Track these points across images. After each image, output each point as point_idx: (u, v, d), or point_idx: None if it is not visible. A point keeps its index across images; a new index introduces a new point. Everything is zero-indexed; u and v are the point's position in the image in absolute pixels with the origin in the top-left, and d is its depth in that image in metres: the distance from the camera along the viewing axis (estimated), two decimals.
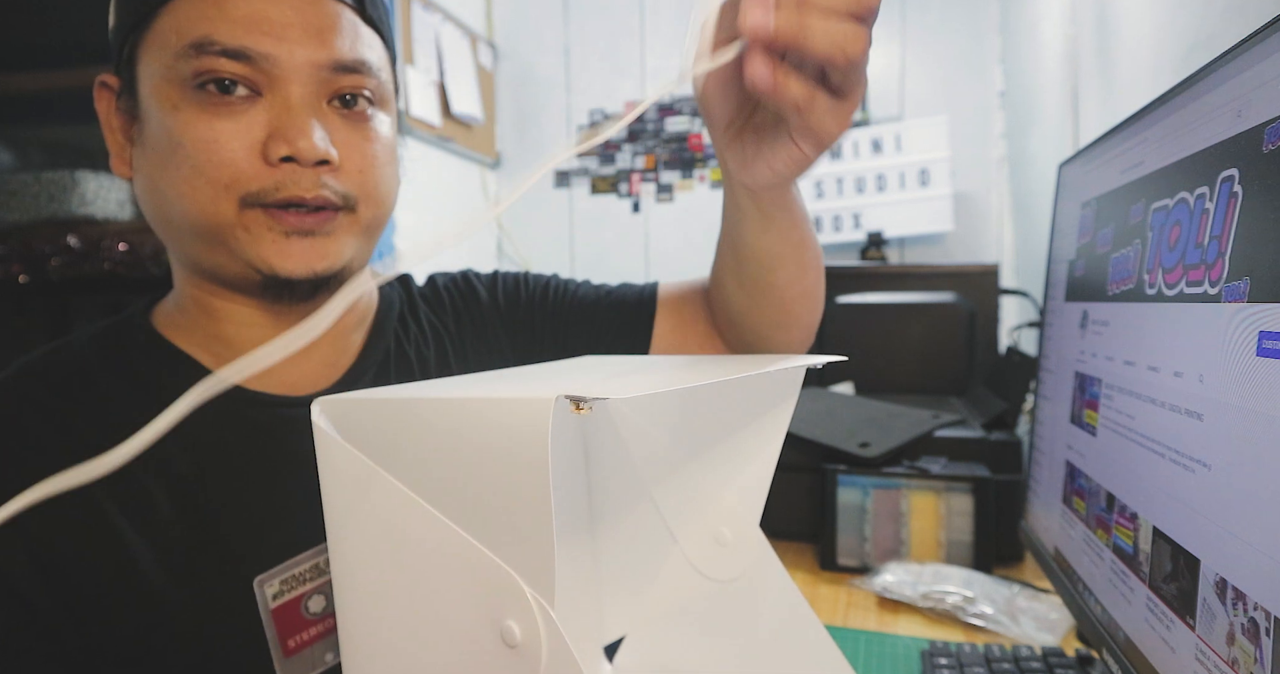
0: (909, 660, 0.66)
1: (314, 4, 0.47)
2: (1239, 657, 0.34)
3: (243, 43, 0.44)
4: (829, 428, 0.93)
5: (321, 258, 0.48)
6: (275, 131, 0.46)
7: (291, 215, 0.46)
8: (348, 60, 0.48)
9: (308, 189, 0.46)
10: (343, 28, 0.48)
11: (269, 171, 0.46)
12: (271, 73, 0.46)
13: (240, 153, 0.45)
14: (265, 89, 0.46)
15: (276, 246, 0.47)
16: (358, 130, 0.49)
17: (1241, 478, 0.35)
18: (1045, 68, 1.39)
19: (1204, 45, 0.73)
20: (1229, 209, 0.37)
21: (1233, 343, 0.36)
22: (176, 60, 0.45)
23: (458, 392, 0.33)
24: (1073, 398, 0.60)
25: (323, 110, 0.48)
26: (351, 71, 0.48)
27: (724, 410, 0.47)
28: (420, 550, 0.33)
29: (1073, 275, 0.62)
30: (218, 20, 0.45)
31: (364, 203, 0.50)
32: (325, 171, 0.47)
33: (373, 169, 0.50)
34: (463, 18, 1.99)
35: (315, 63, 0.46)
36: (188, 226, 0.47)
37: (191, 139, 0.45)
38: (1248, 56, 0.37)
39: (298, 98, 0.46)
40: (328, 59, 0.47)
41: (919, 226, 1.75)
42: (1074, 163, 0.65)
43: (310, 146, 0.45)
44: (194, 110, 0.45)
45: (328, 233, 0.48)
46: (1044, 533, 0.65)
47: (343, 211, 0.49)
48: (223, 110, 0.45)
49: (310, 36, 0.46)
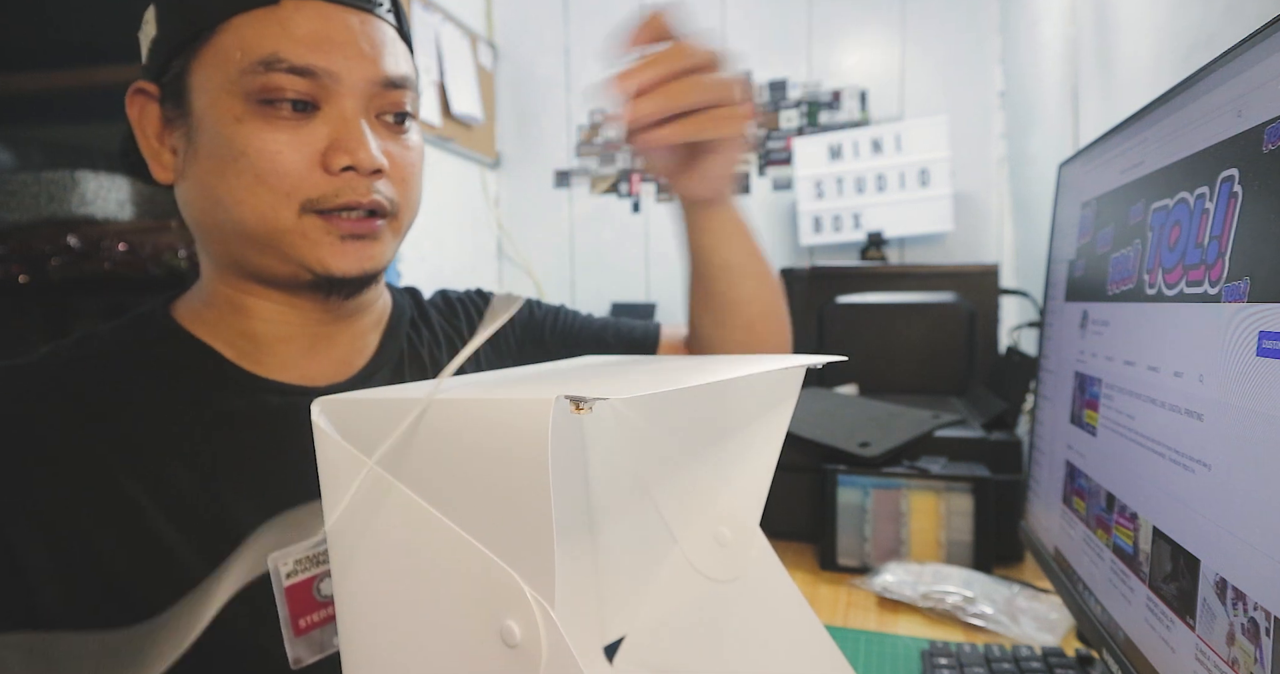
0: (909, 660, 0.66)
1: (366, 24, 0.51)
2: (1239, 657, 0.34)
3: (309, 61, 0.48)
4: (829, 428, 0.93)
5: (370, 258, 0.52)
6: (335, 143, 0.49)
7: (346, 221, 0.50)
8: (395, 77, 0.51)
9: (363, 194, 0.50)
10: (389, 45, 0.52)
11: (329, 180, 0.49)
12: (331, 88, 0.49)
13: (302, 163, 0.49)
14: (323, 102, 0.49)
15: (332, 249, 0.50)
16: (399, 141, 0.53)
17: (1241, 478, 0.35)
18: (1045, 68, 1.39)
19: (1204, 45, 0.73)
20: (1229, 209, 0.37)
21: (1233, 343, 0.36)
22: (242, 75, 0.47)
23: (458, 392, 0.33)
24: (1073, 398, 0.60)
25: (372, 122, 0.51)
26: (397, 87, 0.52)
27: (724, 410, 0.47)
28: (420, 550, 0.33)
29: (1073, 275, 0.62)
30: (283, 39, 0.48)
31: (404, 209, 0.54)
32: (377, 178, 0.51)
33: (412, 177, 0.54)
34: (463, 18, 1.99)
35: (369, 79, 0.50)
36: (243, 232, 0.50)
37: (255, 150, 0.48)
38: (1248, 56, 0.37)
39: (352, 111, 0.50)
40: (380, 76, 0.50)
41: (919, 226, 1.75)
42: (1074, 163, 0.65)
43: (369, 157, 0.49)
44: (257, 122, 0.48)
45: (376, 237, 0.52)
46: (1044, 533, 0.65)
47: (388, 217, 0.53)
48: (285, 123, 0.48)
49: (365, 54, 0.50)
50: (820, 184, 1.82)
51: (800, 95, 1.97)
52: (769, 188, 2.02)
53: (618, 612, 0.53)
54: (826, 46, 1.94)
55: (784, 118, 1.99)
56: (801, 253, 1.97)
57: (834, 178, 1.81)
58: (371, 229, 0.52)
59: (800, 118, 1.98)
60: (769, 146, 2.01)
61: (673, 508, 0.50)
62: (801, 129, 1.98)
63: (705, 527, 0.49)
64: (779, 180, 2.00)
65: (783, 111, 1.99)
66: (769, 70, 1.99)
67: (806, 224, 1.84)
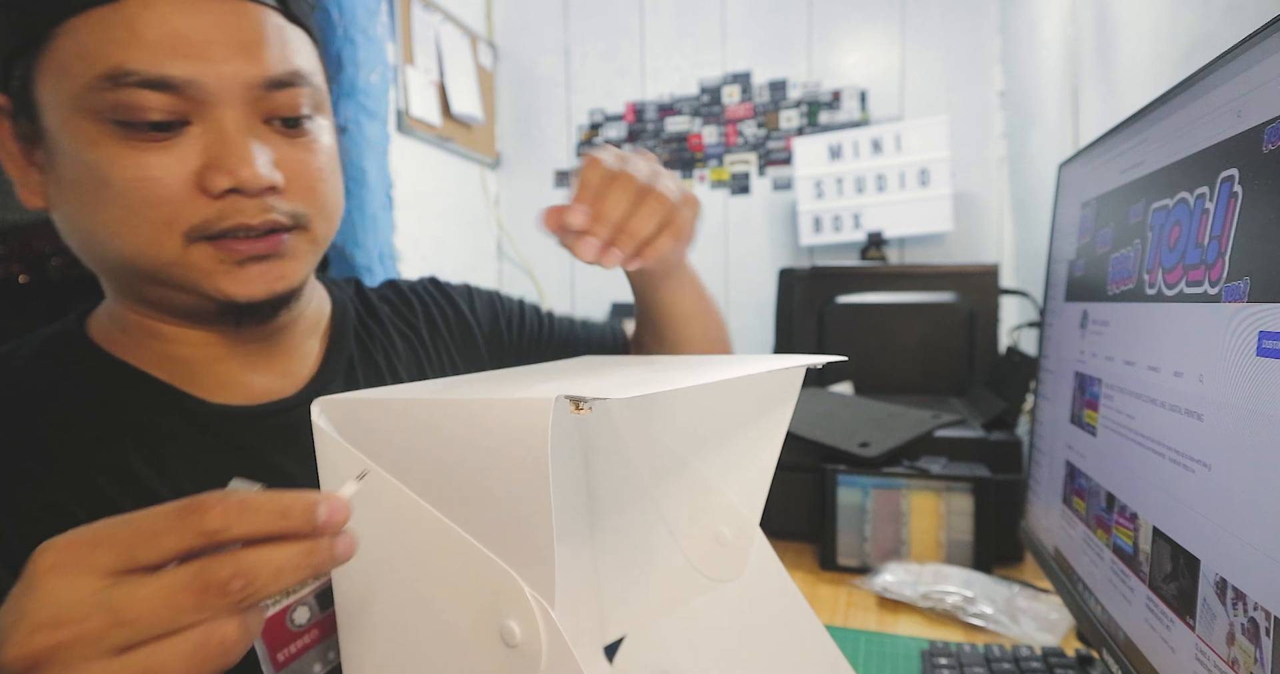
0: (909, 660, 0.66)
1: (236, 13, 0.42)
2: (1239, 657, 0.34)
3: (164, 71, 0.40)
4: (829, 428, 0.93)
5: (279, 279, 0.46)
6: (213, 161, 0.42)
7: (242, 243, 0.44)
8: (280, 75, 0.44)
9: (254, 216, 0.43)
10: (269, 36, 0.43)
11: (211, 204, 0.42)
12: (199, 98, 0.41)
13: (178, 188, 0.42)
14: (194, 116, 0.42)
15: (231, 276, 0.44)
16: (300, 145, 0.46)
17: (1241, 478, 0.35)
18: (1045, 68, 1.39)
19: (1204, 45, 0.73)
20: (1229, 209, 0.37)
21: (1233, 343, 0.36)
22: (87, 92, 0.40)
23: (458, 392, 0.33)
24: (1073, 398, 0.60)
25: (259, 130, 0.44)
26: (286, 86, 0.44)
27: (724, 410, 0.47)
28: (420, 550, 0.33)
29: (1073, 275, 0.62)
30: (130, 45, 0.39)
31: (316, 219, 0.48)
32: (271, 196, 0.44)
33: (320, 183, 0.47)
34: (463, 18, 1.99)
35: (246, 82, 0.42)
36: (127, 266, 0.44)
37: (121, 179, 0.41)
38: (1248, 56, 0.36)
39: (231, 122, 0.42)
40: (259, 76, 0.43)
41: (919, 226, 1.75)
42: (1074, 163, 0.65)
43: (254, 175, 0.42)
44: (117, 146, 0.40)
45: (282, 254, 0.46)
46: (1044, 533, 0.65)
47: (295, 231, 0.46)
48: (151, 145, 0.41)
49: (236, 52, 0.42)
50: (820, 184, 1.82)
51: (800, 95, 1.97)
52: (769, 188, 2.02)
53: (617, 611, 0.52)
54: (826, 46, 1.94)
55: (784, 118, 1.99)
56: (801, 253, 1.97)
57: (834, 178, 1.81)
58: (275, 247, 0.45)
59: (800, 118, 1.98)
60: (769, 147, 2.01)
61: (673, 508, 0.50)
62: (801, 129, 1.98)
63: (705, 526, 0.49)
64: (779, 180, 2.00)
65: (783, 111, 1.99)
66: (769, 70, 1.99)
67: (806, 224, 1.84)
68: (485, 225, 2.14)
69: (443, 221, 1.92)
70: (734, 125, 2.04)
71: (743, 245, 2.04)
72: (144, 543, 0.25)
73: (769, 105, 2.00)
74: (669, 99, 2.08)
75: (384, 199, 1.71)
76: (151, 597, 0.24)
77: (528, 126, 2.19)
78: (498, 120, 2.19)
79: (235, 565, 0.25)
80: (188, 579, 0.25)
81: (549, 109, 2.17)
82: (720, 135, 2.05)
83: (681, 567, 0.50)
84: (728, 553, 0.48)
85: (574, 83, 2.15)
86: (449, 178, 1.96)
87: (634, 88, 2.11)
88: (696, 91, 2.06)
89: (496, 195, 2.20)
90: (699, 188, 2.09)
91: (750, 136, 2.03)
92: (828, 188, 1.82)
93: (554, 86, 2.16)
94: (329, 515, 0.27)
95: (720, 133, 2.05)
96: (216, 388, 0.50)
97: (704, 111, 2.06)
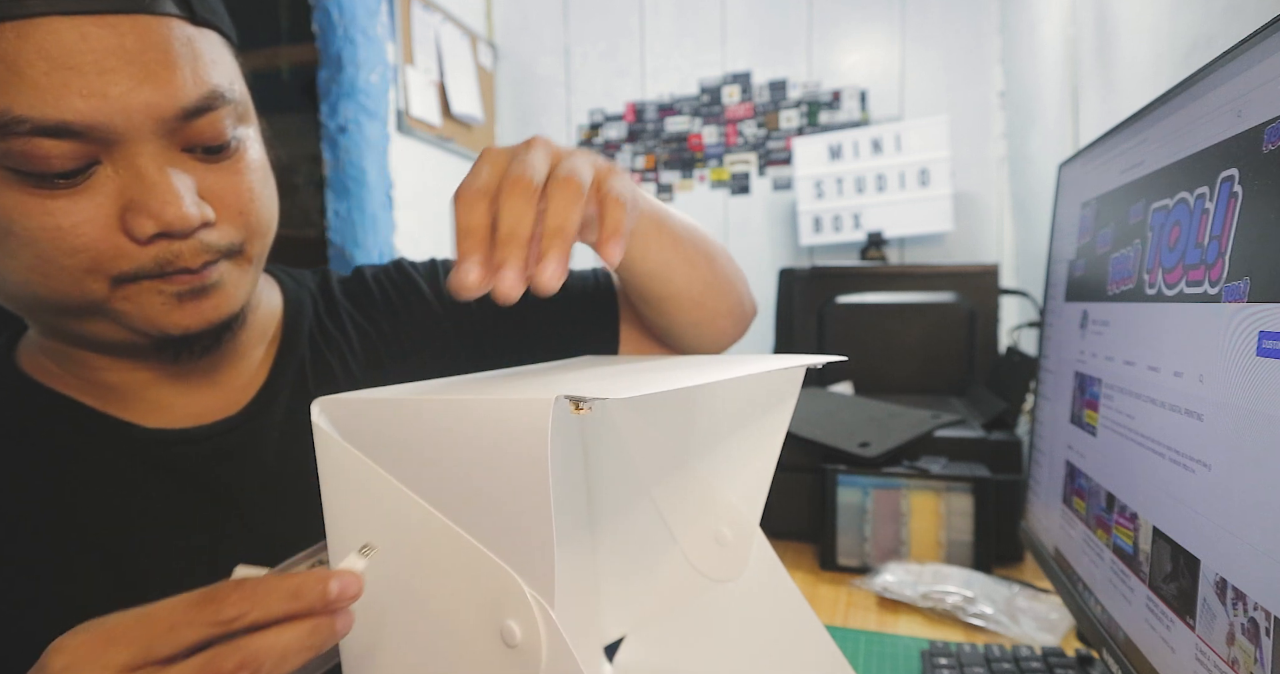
0: (909, 660, 0.66)
1: (134, 33, 0.36)
2: (1239, 657, 0.34)
3: (60, 116, 0.34)
4: (829, 428, 0.93)
5: (216, 309, 0.42)
6: (133, 203, 0.38)
7: (181, 277, 0.40)
8: (196, 101, 0.38)
9: (192, 260, 0.40)
10: (178, 55, 0.38)
11: (140, 250, 0.39)
12: (106, 140, 0.36)
13: (96, 234, 0.37)
14: (104, 156, 0.37)
15: (167, 309, 0.41)
16: (226, 169, 0.42)
17: (1241, 478, 0.35)
18: (1045, 68, 1.39)
19: (1204, 45, 0.73)
20: (1229, 209, 0.37)
21: (1233, 343, 0.36)
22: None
23: (459, 392, 0.33)
24: (1073, 398, 0.60)
25: (179, 159, 0.40)
26: (205, 111, 0.39)
27: (724, 410, 0.47)
28: (421, 551, 0.33)
29: (1073, 275, 0.62)
30: (13, 86, 0.34)
31: (253, 238, 0.44)
32: (205, 231, 0.41)
33: (253, 204, 0.43)
34: (463, 18, 1.99)
35: (158, 116, 0.37)
36: (47, 307, 0.40)
37: (25, 228, 0.36)
38: (1248, 56, 0.36)
39: (147, 158, 0.38)
40: (172, 107, 0.38)
41: (919, 226, 1.75)
42: (1074, 163, 0.65)
43: (182, 217, 0.38)
44: (19, 194, 0.36)
45: (218, 284, 0.42)
46: (1044, 533, 0.65)
47: (227, 259, 0.43)
48: (58, 192, 0.36)
49: (141, 81, 0.36)
50: (820, 184, 1.83)
51: (800, 95, 1.97)
52: (769, 188, 2.02)
53: (618, 611, 0.53)
54: (826, 46, 1.94)
55: (784, 118, 1.99)
56: (801, 253, 1.97)
57: (834, 178, 1.81)
58: (210, 278, 0.41)
59: (800, 118, 1.98)
60: (769, 147, 2.01)
61: (673, 508, 0.50)
62: (801, 129, 1.98)
63: (706, 526, 0.49)
64: (779, 180, 2.00)
65: (783, 111, 1.99)
66: (769, 70, 1.99)
67: (806, 224, 1.84)
68: None
69: (443, 221, 1.92)
70: (734, 125, 2.04)
71: (743, 245, 2.04)
72: (160, 638, 0.26)
73: (769, 105, 2.00)
74: (669, 99, 2.08)
75: (384, 199, 1.71)
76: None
77: (528, 126, 2.19)
78: (498, 120, 2.19)
79: (241, 655, 0.26)
80: (204, 667, 0.26)
81: (549, 109, 2.17)
82: (720, 135, 2.05)
83: (682, 567, 0.50)
84: (728, 553, 0.48)
85: (574, 83, 2.15)
86: (449, 178, 1.96)
87: (634, 88, 2.11)
88: (696, 91, 2.06)
89: None
90: (699, 188, 2.09)
91: (750, 136, 2.03)
92: (828, 188, 1.82)
93: (554, 86, 2.16)
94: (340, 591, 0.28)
95: (720, 133, 2.05)
96: (152, 412, 0.47)
97: (704, 111, 2.06)
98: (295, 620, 0.27)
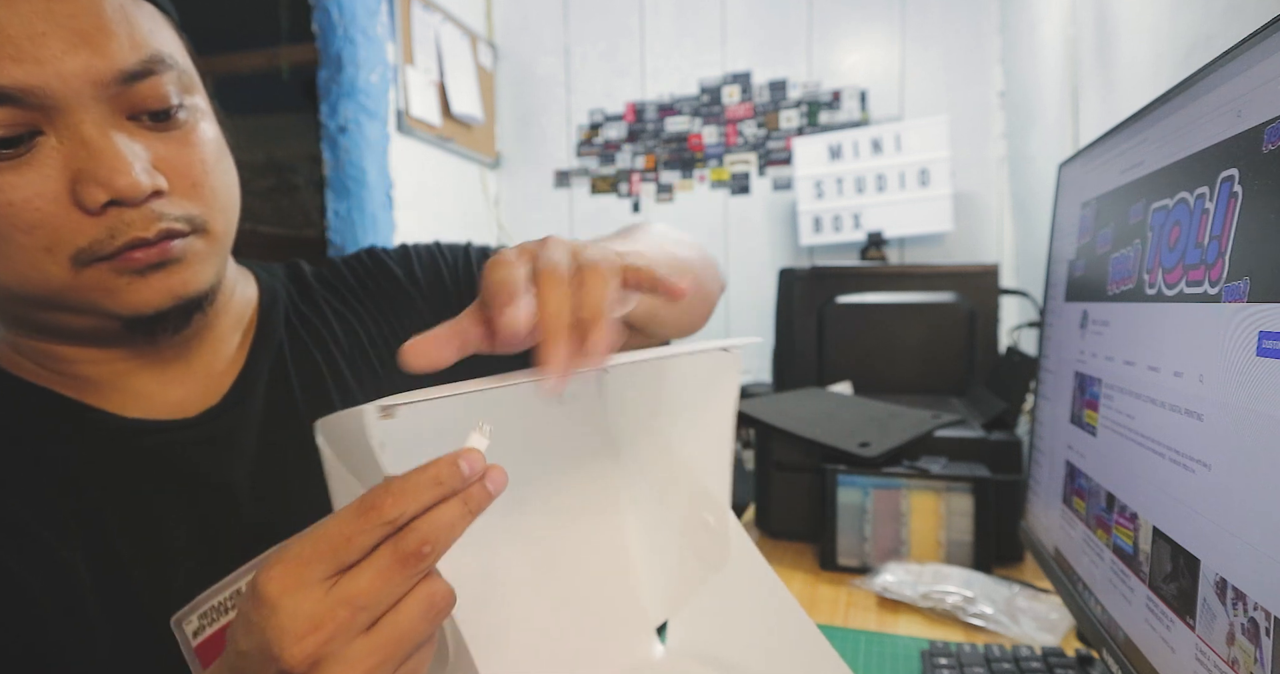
0: (909, 660, 0.66)
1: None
2: (1239, 657, 0.34)
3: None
4: (829, 428, 0.93)
5: (183, 284, 0.42)
6: (82, 173, 0.37)
7: (138, 252, 0.40)
8: (136, 64, 0.38)
9: (146, 228, 0.39)
10: (113, 20, 0.38)
11: (93, 222, 0.38)
12: (45, 106, 0.36)
13: (48, 208, 0.37)
14: (45, 125, 0.37)
15: (134, 288, 0.40)
16: (175, 139, 0.41)
17: (1241, 478, 0.35)
18: (1045, 68, 1.39)
19: (1204, 45, 0.73)
20: (1229, 209, 0.37)
21: (1233, 343, 0.36)
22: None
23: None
24: (1073, 398, 0.60)
25: (126, 128, 0.39)
26: (146, 75, 0.39)
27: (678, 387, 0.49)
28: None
29: (1073, 275, 0.62)
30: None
31: (214, 215, 0.43)
32: (157, 200, 0.40)
33: (207, 177, 0.43)
34: (463, 18, 1.99)
35: (96, 79, 0.37)
36: (10, 294, 0.40)
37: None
38: (1248, 56, 0.36)
39: (91, 126, 0.37)
40: (110, 70, 0.37)
41: (919, 226, 1.75)
42: (1074, 163, 0.65)
43: (132, 184, 0.38)
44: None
45: (181, 258, 0.42)
46: (1044, 533, 0.65)
47: (192, 234, 0.42)
48: (3, 165, 0.36)
49: (77, 45, 0.36)
50: (820, 184, 1.82)
51: (800, 95, 1.97)
52: (769, 188, 2.02)
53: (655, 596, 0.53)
54: (826, 46, 1.94)
55: (784, 118, 1.99)
56: (801, 253, 1.97)
57: (834, 178, 1.81)
58: (168, 253, 0.41)
59: (800, 118, 1.98)
60: (769, 147, 2.01)
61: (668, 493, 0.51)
62: (801, 129, 1.98)
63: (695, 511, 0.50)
64: (779, 180, 2.00)
65: (783, 111, 1.99)
66: (769, 70, 1.99)
67: (806, 224, 1.84)
68: (485, 225, 2.14)
69: (443, 221, 1.92)
70: (734, 125, 2.04)
71: (743, 245, 2.04)
72: (343, 548, 0.29)
73: (769, 105, 2.00)
74: (669, 99, 2.08)
75: (384, 199, 1.71)
76: (371, 583, 0.29)
77: (528, 126, 2.19)
78: (498, 120, 2.19)
79: (419, 536, 0.29)
80: (389, 560, 0.29)
81: (549, 109, 2.17)
82: (720, 135, 2.05)
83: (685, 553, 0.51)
84: (715, 537, 0.49)
85: (574, 83, 2.15)
86: (449, 178, 1.96)
87: (634, 88, 2.11)
88: (696, 91, 2.06)
89: (496, 195, 2.20)
90: (699, 188, 2.09)
91: (750, 136, 2.03)
92: (828, 188, 1.82)
93: (554, 86, 2.16)
94: (470, 468, 0.31)
95: (720, 133, 2.05)
96: (129, 402, 0.47)
97: (704, 111, 2.06)
98: (446, 500, 0.30)
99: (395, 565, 0.29)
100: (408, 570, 0.29)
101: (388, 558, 0.29)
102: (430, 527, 0.29)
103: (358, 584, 0.29)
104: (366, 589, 0.29)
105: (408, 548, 0.29)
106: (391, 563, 0.29)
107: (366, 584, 0.29)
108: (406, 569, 0.29)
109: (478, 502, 0.31)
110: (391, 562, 0.29)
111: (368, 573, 0.29)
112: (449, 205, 1.97)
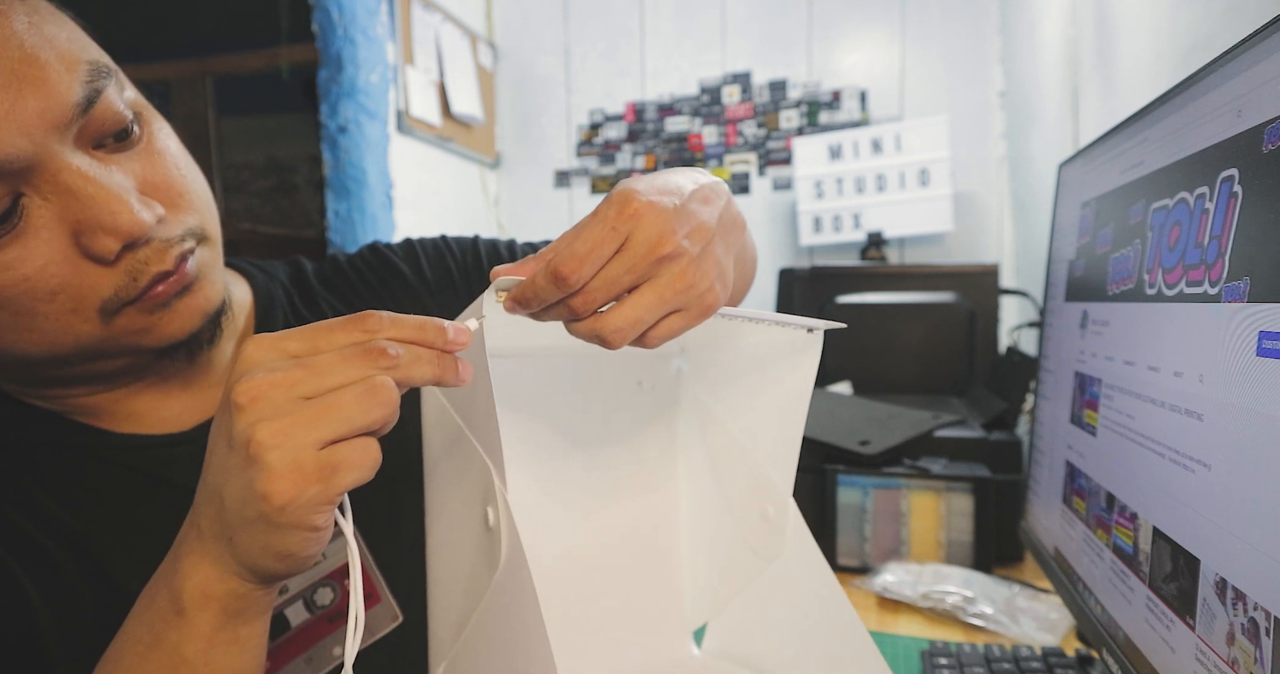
0: (909, 660, 0.66)
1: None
2: (1239, 657, 0.34)
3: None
4: (829, 427, 0.93)
5: (207, 300, 0.42)
6: (82, 225, 0.36)
7: (160, 286, 0.39)
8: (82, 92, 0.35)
9: (164, 260, 0.39)
10: (37, 45, 0.34)
11: (111, 270, 0.37)
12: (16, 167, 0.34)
13: (63, 271, 0.36)
14: (23, 185, 0.35)
15: (165, 321, 0.40)
16: (143, 152, 0.40)
17: (1241, 478, 0.35)
18: (1045, 68, 1.39)
19: (1204, 45, 0.73)
20: (1229, 209, 0.37)
21: (1233, 343, 0.36)
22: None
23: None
24: (1073, 398, 0.60)
25: (98, 158, 0.37)
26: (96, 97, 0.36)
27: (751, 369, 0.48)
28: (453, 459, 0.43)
29: (1073, 275, 0.62)
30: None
31: (205, 219, 0.43)
32: (163, 226, 0.39)
33: (185, 184, 0.41)
34: (463, 18, 1.99)
35: (56, 122, 0.34)
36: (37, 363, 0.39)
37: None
38: (1248, 56, 0.36)
39: (70, 173, 0.35)
40: (63, 108, 0.35)
41: (919, 226, 1.75)
42: (1074, 163, 0.65)
43: (136, 222, 0.36)
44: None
45: (198, 275, 0.42)
46: (1044, 533, 0.65)
47: (198, 246, 0.42)
48: (2, 243, 0.35)
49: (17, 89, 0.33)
50: (820, 184, 1.82)
51: (800, 95, 1.97)
52: (769, 188, 2.02)
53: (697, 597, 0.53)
54: (826, 46, 1.94)
55: (784, 118, 1.99)
56: (801, 253, 1.97)
57: (834, 178, 1.81)
58: (190, 273, 0.41)
59: (800, 118, 1.98)
60: (769, 147, 2.01)
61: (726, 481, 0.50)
62: (801, 129, 1.98)
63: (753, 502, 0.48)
64: (779, 180, 2.00)
65: (783, 111, 1.99)
66: (769, 70, 1.99)
67: (806, 224, 1.84)
68: (485, 225, 2.14)
69: (443, 222, 1.92)
70: (734, 125, 2.04)
71: None
72: (321, 335, 0.32)
73: (769, 105, 2.00)
74: (669, 99, 2.08)
75: (384, 199, 1.71)
76: (329, 359, 0.32)
77: (528, 126, 2.19)
78: (498, 120, 2.19)
79: (387, 346, 0.32)
80: (356, 348, 0.32)
81: (549, 109, 2.17)
82: (720, 135, 2.05)
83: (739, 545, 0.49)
84: (772, 529, 0.47)
85: (574, 83, 2.15)
86: (449, 178, 1.96)
87: (634, 88, 2.11)
88: (696, 91, 2.06)
89: (496, 195, 2.20)
90: None
91: (750, 136, 2.03)
92: (828, 188, 1.82)
93: (554, 86, 2.16)
94: (454, 335, 0.34)
95: (720, 133, 2.05)
96: (127, 420, 0.46)
97: (704, 111, 2.06)
98: (426, 347, 0.33)
99: (357, 354, 0.32)
100: (366, 360, 0.32)
101: (353, 348, 0.32)
102: (400, 348, 0.32)
103: (319, 356, 0.32)
104: (324, 361, 0.32)
105: (373, 345, 0.32)
106: (354, 352, 0.32)
107: (325, 359, 0.32)
108: (366, 359, 0.32)
109: (445, 366, 0.34)
110: (355, 351, 0.32)
111: (332, 351, 0.32)
112: (449, 205, 1.97)
